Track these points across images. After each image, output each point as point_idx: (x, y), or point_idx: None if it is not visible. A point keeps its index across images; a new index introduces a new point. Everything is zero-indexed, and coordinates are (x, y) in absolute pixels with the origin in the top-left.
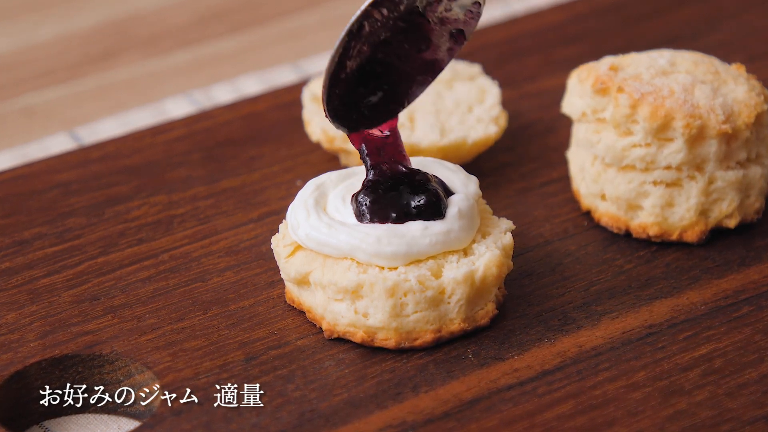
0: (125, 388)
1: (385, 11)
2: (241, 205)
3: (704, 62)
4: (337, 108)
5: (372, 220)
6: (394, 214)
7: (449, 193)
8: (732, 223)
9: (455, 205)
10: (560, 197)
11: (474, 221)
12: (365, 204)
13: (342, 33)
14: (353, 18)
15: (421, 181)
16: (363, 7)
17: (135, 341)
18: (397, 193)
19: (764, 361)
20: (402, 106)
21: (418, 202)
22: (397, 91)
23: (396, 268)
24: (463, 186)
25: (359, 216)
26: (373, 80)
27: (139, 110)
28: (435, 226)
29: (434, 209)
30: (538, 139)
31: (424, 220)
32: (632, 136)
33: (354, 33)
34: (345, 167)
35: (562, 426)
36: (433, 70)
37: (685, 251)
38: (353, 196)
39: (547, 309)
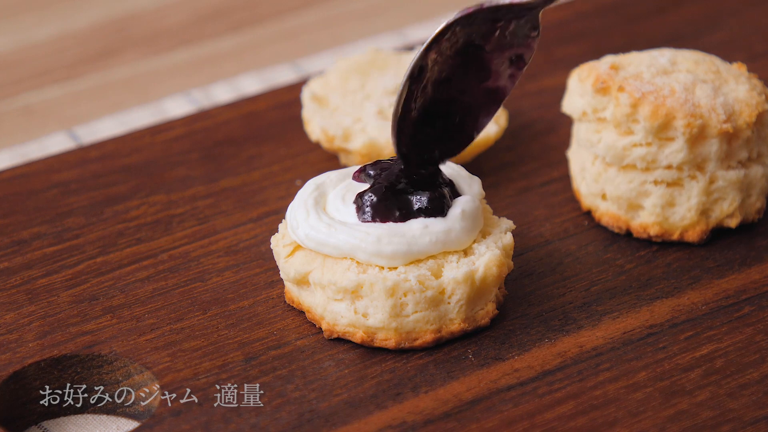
0: (124, 389)
1: (443, 50)
2: (241, 204)
3: (705, 61)
4: (408, 149)
5: (374, 219)
6: (397, 212)
7: (456, 194)
8: (733, 223)
9: (459, 205)
10: (561, 197)
11: (477, 223)
12: (369, 202)
13: (404, 77)
14: (413, 61)
15: (429, 179)
16: (422, 48)
17: (134, 341)
18: (401, 188)
19: (765, 362)
20: (471, 138)
21: (422, 199)
22: (464, 125)
23: (396, 268)
24: (467, 186)
25: (361, 212)
26: (439, 119)
27: (138, 109)
28: (435, 225)
29: (436, 206)
30: (539, 139)
31: (426, 217)
32: (633, 135)
33: (415, 77)
34: (345, 167)
35: (563, 426)
36: (497, 98)
37: (686, 251)
38: (358, 194)
39: (548, 309)
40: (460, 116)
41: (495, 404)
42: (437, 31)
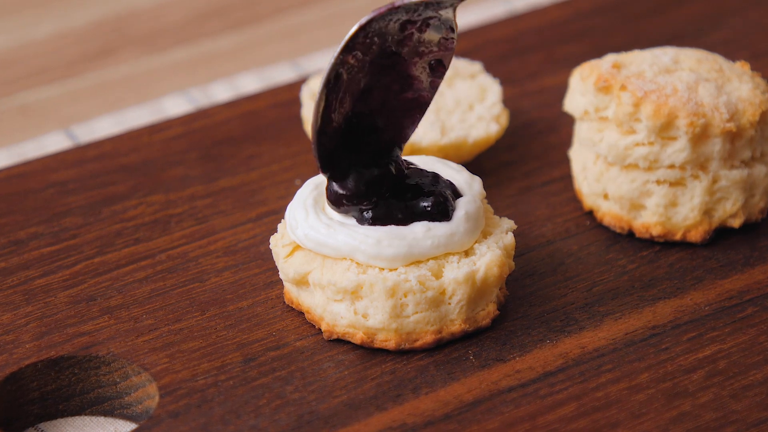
0: (122, 390)
1: (359, 54)
2: (240, 204)
3: (708, 60)
4: (330, 160)
5: (374, 224)
6: (400, 215)
7: (457, 195)
8: (736, 223)
9: (462, 207)
10: (562, 196)
11: (479, 223)
12: (370, 219)
13: (319, 87)
14: (327, 68)
15: (429, 182)
16: (335, 55)
17: (132, 342)
18: (403, 193)
19: None
20: (395, 151)
21: (426, 204)
22: (386, 138)
23: (396, 269)
24: (467, 186)
25: (361, 220)
26: (362, 133)
27: (136, 108)
28: (439, 228)
29: (441, 211)
30: (540, 138)
31: (430, 221)
32: (635, 134)
33: (332, 84)
34: None
35: (565, 428)
36: (419, 106)
37: (688, 251)
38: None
39: (549, 310)
40: (384, 129)
41: (496, 405)
42: (349, 34)
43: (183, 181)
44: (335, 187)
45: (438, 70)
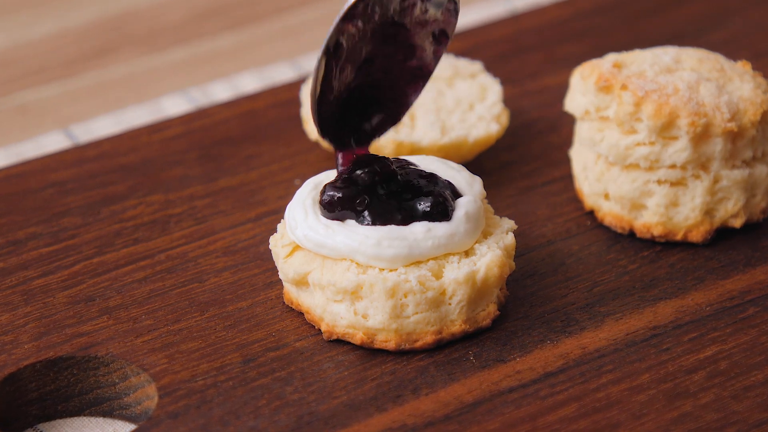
0: (121, 391)
1: (360, 23)
2: (239, 204)
3: (709, 59)
4: (331, 128)
5: (374, 224)
6: (399, 216)
7: (457, 195)
8: (738, 223)
9: (462, 207)
10: (563, 196)
11: (479, 224)
12: (369, 220)
13: (319, 53)
14: (327, 35)
15: (427, 183)
16: (335, 22)
17: (131, 343)
18: (401, 194)
19: None
20: (398, 120)
21: (424, 205)
22: (391, 107)
23: (396, 269)
24: (468, 186)
25: (360, 221)
26: (364, 103)
27: (136, 108)
28: (439, 229)
29: (441, 211)
30: (541, 138)
31: (430, 221)
32: (636, 134)
33: (331, 51)
34: None
35: (565, 429)
36: (422, 75)
37: (689, 251)
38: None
39: (550, 310)
40: (387, 99)
41: (496, 406)
42: (349, 3)
43: (182, 181)
44: (327, 191)
45: (441, 39)
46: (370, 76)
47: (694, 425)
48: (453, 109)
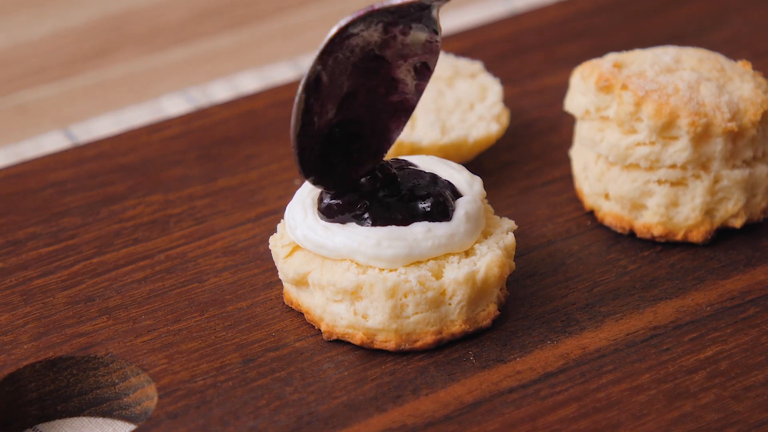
0: (121, 391)
1: (340, 57)
2: (239, 204)
3: (710, 59)
4: (314, 166)
5: (374, 224)
6: (399, 216)
7: (457, 195)
8: (738, 223)
9: (462, 207)
10: (563, 196)
11: (479, 224)
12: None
13: (299, 90)
14: (307, 71)
15: (427, 183)
16: (314, 58)
17: (130, 343)
18: (401, 195)
19: None
20: (382, 156)
21: (424, 205)
22: (372, 143)
23: (396, 269)
24: (468, 186)
25: (360, 221)
26: (346, 141)
27: (135, 108)
28: (439, 229)
29: (441, 211)
30: (541, 138)
31: (430, 221)
32: (636, 134)
33: (312, 87)
34: None
35: (566, 429)
36: (405, 110)
37: (690, 251)
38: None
39: (550, 310)
40: (368, 135)
41: (496, 407)
42: (328, 37)
43: (182, 181)
44: (325, 199)
45: (423, 72)
46: (352, 112)
47: (695, 425)
48: (453, 109)
